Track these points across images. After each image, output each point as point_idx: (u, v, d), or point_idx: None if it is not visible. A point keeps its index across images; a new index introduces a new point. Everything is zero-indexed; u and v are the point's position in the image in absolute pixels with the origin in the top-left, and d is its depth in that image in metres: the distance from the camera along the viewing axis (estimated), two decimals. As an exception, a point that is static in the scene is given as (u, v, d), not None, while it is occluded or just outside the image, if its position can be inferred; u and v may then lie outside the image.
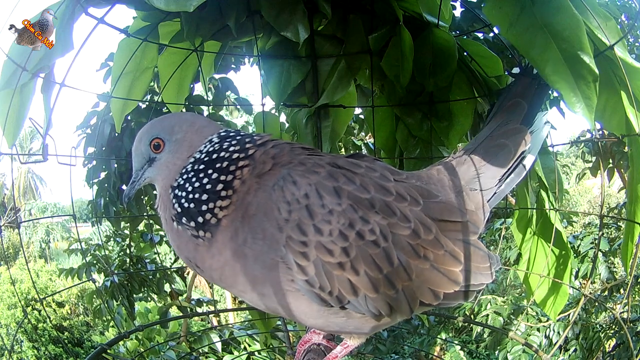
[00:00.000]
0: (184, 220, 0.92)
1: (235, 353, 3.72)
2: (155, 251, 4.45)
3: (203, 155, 0.94)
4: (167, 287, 4.49)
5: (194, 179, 0.93)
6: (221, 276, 0.94)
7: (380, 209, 0.90)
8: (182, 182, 0.94)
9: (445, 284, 0.94)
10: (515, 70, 1.25)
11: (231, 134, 0.97)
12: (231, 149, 0.94)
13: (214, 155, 0.93)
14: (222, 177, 0.91)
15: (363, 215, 0.88)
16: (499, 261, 1.06)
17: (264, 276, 0.89)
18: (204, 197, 0.90)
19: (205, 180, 0.92)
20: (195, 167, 0.94)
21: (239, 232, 0.88)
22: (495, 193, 1.10)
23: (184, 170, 0.95)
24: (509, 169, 1.10)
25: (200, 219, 0.90)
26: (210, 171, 0.92)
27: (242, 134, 0.98)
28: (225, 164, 0.92)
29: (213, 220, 0.90)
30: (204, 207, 0.90)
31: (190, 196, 0.92)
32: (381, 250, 0.88)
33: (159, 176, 1.00)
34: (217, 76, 3.21)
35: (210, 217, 0.90)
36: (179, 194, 0.93)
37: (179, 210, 0.93)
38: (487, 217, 1.09)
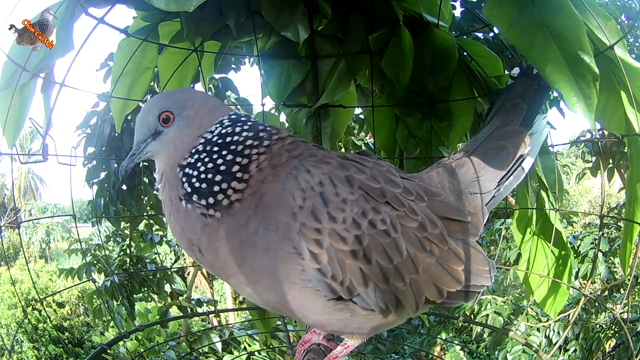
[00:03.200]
0: (194, 197, 0.89)
1: (235, 353, 3.72)
2: (155, 251, 4.45)
3: (215, 137, 0.92)
4: (167, 287, 4.49)
5: (207, 159, 0.90)
6: (223, 264, 0.91)
7: (391, 199, 0.91)
8: (192, 161, 0.91)
9: (449, 282, 0.95)
10: (515, 70, 1.25)
11: (242, 118, 0.95)
12: (244, 134, 0.92)
13: (228, 139, 0.91)
14: (238, 159, 0.89)
15: (375, 205, 0.89)
16: (495, 266, 1.07)
17: (272, 268, 0.87)
18: (217, 177, 0.88)
19: (219, 162, 0.89)
20: (208, 148, 0.91)
21: (251, 221, 0.87)
22: (493, 196, 1.10)
23: (194, 150, 0.92)
24: (507, 172, 1.10)
25: (211, 200, 0.88)
26: (224, 152, 0.90)
27: (252, 119, 0.96)
28: (240, 147, 0.90)
29: (225, 201, 0.88)
30: (216, 188, 0.88)
31: (203, 176, 0.89)
32: (392, 240, 0.89)
33: (162, 152, 0.95)
34: (217, 76, 3.22)
35: (222, 197, 0.88)
36: (190, 172, 0.90)
37: (189, 189, 0.90)
38: (485, 219, 1.09)
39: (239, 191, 0.88)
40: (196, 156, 0.91)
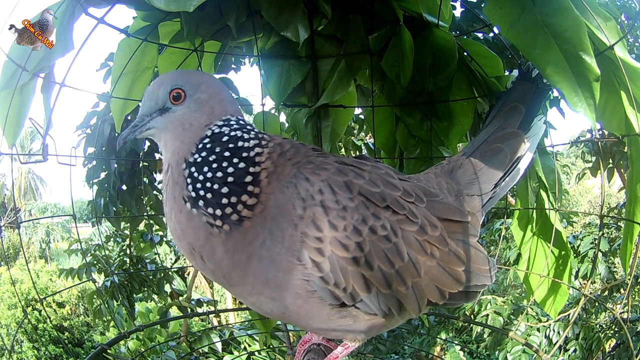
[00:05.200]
0: (200, 203, 0.85)
1: (235, 353, 3.72)
2: (155, 251, 4.45)
3: (225, 137, 0.87)
4: (167, 287, 4.49)
5: (214, 164, 0.85)
6: (226, 274, 0.89)
7: (391, 202, 0.90)
8: (199, 160, 0.86)
9: (450, 283, 0.95)
10: (515, 73, 1.26)
11: (247, 126, 0.92)
12: (252, 142, 0.88)
13: (239, 143, 0.87)
14: (252, 169, 0.86)
15: (375, 211, 0.88)
16: (496, 265, 1.07)
17: (277, 279, 0.87)
18: (224, 189, 0.84)
19: (230, 170, 0.85)
20: (217, 150, 0.86)
21: (259, 235, 0.85)
22: (490, 198, 1.11)
23: (201, 145, 0.87)
24: (504, 174, 1.10)
25: (218, 212, 0.84)
26: (235, 160, 0.85)
27: (254, 127, 0.94)
28: (252, 153, 0.86)
29: (234, 216, 0.84)
30: (224, 201, 0.84)
31: (208, 185, 0.85)
32: (392, 245, 0.88)
33: (167, 132, 0.90)
34: (217, 76, 3.21)
35: (231, 212, 0.84)
36: (196, 175, 0.85)
37: (194, 194, 0.85)
38: (482, 220, 1.10)
39: (250, 207, 0.84)
40: (204, 154, 0.86)
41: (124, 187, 3.92)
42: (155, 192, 4.10)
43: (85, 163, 3.81)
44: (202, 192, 0.85)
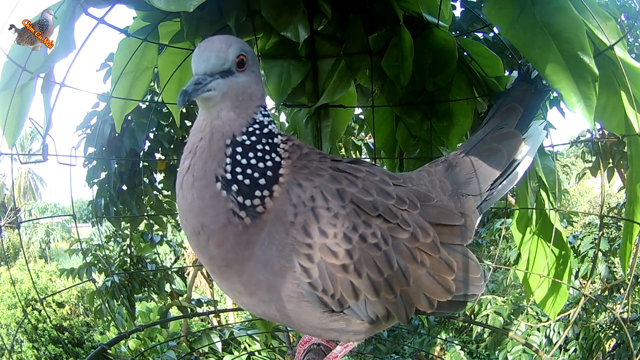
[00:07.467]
0: (233, 188, 0.83)
1: (235, 353, 3.72)
2: (156, 251, 4.45)
3: (264, 128, 0.87)
4: (167, 287, 4.49)
5: (259, 154, 0.85)
6: (222, 266, 0.89)
7: (383, 211, 0.90)
8: (248, 144, 0.84)
9: (439, 292, 0.95)
10: (514, 74, 1.26)
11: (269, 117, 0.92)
12: (279, 137, 0.89)
13: (275, 139, 0.88)
14: (283, 163, 0.87)
15: (366, 219, 0.88)
16: (487, 275, 1.06)
17: (269, 282, 0.87)
18: (262, 181, 0.84)
19: (269, 164, 0.85)
20: (262, 139, 0.86)
21: (261, 235, 0.85)
22: (486, 199, 1.10)
23: (251, 129, 0.85)
24: (501, 175, 1.09)
25: (248, 202, 0.83)
26: (274, 154, 0.86)
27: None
28: (280, 149, 0.88)
29: (260, 209, 0.84)
30: (258, 193, 0.84)
31: (249, 171, 0.83)
32: (382, 253, 0.88)
33: (227, 99, 0.83)
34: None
35: (258, 204, 0.84)
36: (239, 158, 0.83)
37: (230, 177, 0.83)
38: (477, 222, 1.09)
39: (274, 199, 0.85)
40: (253, 138, 0.85)
41: (124, 187, 3.93)
42: (155, 192, 4.10)
43: (85, 163, 3.82)
44: (240, 177, 0.83)
